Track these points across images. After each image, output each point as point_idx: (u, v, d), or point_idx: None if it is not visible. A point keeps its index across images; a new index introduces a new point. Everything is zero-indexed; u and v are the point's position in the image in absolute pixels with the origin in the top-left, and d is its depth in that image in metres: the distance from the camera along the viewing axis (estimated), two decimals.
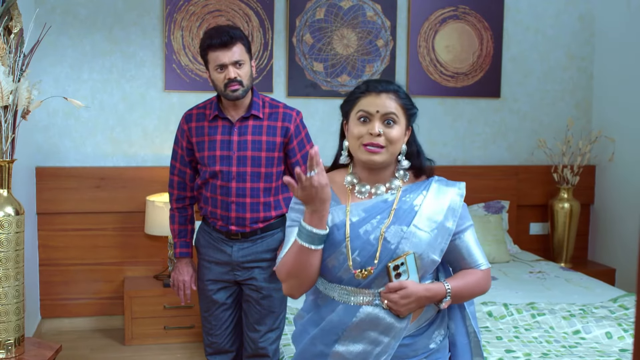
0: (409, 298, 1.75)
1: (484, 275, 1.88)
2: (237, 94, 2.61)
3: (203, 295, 2.81)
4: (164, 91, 4.27)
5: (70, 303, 4.20)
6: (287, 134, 2.70)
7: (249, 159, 2.67)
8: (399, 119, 1.81)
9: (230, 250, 2.72)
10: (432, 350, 1.86)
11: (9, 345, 2.43)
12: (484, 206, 4.54)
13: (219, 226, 2.73)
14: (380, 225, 1.79)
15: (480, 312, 3.24)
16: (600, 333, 3.03)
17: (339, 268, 1.80)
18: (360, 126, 1.80)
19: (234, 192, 2.68)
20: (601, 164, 4.79)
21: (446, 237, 1.83)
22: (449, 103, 4.67)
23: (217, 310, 2.78)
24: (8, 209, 2.42)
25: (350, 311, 1.80)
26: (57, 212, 4.12)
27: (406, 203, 1.83)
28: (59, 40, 4.10)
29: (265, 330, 2.74)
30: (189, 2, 4.24)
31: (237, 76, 2.59)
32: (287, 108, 2.75)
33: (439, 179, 1.91)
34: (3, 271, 2.40)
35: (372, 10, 4.48)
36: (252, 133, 2.68)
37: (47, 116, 4.12)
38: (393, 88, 1.83)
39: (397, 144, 1.81)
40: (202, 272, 2.81)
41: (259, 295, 2.73)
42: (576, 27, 4.80)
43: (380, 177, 1.86)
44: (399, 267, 1.75)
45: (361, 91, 1.84)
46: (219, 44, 2.57)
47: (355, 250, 1.78)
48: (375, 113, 1.79)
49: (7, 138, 2.43)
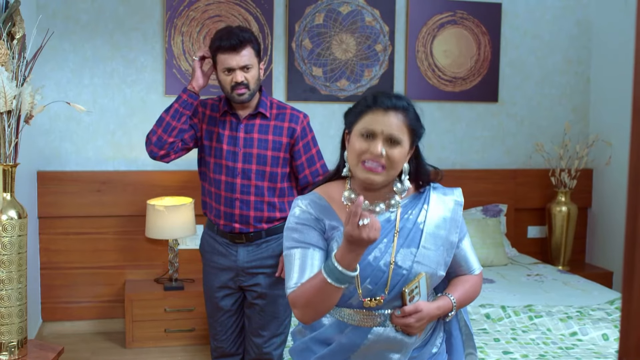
0: (424, 320, 1.74)
1: (479, 279, 1.91)
2: (243, 97, 2.61)
3: (209, 301, 2.81)
4: (164, 96, 4.30)
5: (72, 306, 4.23)
6: (294, 135, 2.70)
7: (255, 157, 2.66)
8: (403, 140, 1.70)
9: (235, 255, 2.72)
10: (434, 355, 1.87)
11: (12, 348, 2.45)
12: (482, 209, 4.56)
13: (222, 226, 2.72)
14: (388, 250, 1.73)
15: (478, 315, 3.26)
16: (597, 335, 3.06)
17: (349, 296, 1.74)
18: (362, 142, 1.69)
19: (239, 189, 2.67)
20: (598, 168, 4.82)
21: (451, 251, 1.81)
22: (447, 107, 4.70)
23: (223, 317, 2.79)
24: (11, 213, 2.45)
25: (360, 333, 1.76)
26: (58, 216, 4.15)
27: (409, 221, 1.78)
28: (60, 46, 4.13)
29: (269, 336, 2.73)
30: (189, 8, 4.27)
31: (244, 80, 2.59)
32: (294, 110, 2.75)
33: (435, 188, 1.84)
34: (6, 274, 2.42)
35: (371, 15, 4.52)
36: (259, 131, 2.68)
37: (48, 121, 4.15)
38: (402, 105, 1.71)
39: (398, 165, 1.71)
40: (208, 277, 2.81)
41: (263, 302, 2.71)
42: (573, 31, 4.84)
43: (379, 194, 1.78)
44: (413, 290, 1.73)
45: (368, 104, 1.72)
46: (228, 46, 2.56)
47: (367, 278, 1.72)
48: (379, 132, 1.68)
49: (11, 142, 2.45)
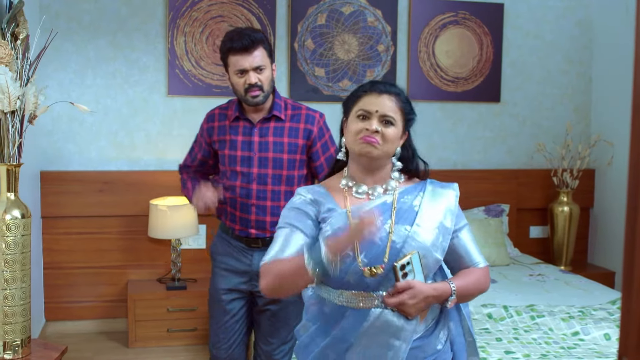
0: (417, 297, 1.75)
1: (483, 273, 1.91)
2: (257, 99, 2.55)
3: (216, 304, 2.73)
4: (167, 96, 4.31)
5: (74, 306, 4.24)
6: (310, 137, 2.64)
7: (270, 161, 2.60)
8: (397, 121, 1.84)
9: (250, 259, 2.66)
10: (439, 352, 1.87)
11: (16, 347, 2.46)
12: (484, 210, 4.57)
13: (238, 231, 2.67)
14: (383, 226, 1.80)
15: (480, 314, 3.27)
16: (598, 334, 3.06)
17: (346, 271, 1.78)
18: (359, 122, 1.83)
19: (255, 195, 2.61)
20: (600, 168, 4.82)
21: (447, 236, 1.86)
22: (449, 107, 4.71)
23: (229, 322, 2.71)
24: (15, 212, 2.46)
25: (360, 315, 1.79)
26: (61, 216, 4.16)
27: (405, 204, 1.86)
28: (63, 46, 4.14)
29: (278, 343, 2.68)
30: (192, 8, 4.28)
31: (258, 81, 2.53)
32: (309, 110, 2.69)
33: (432, 182, 1.94)
34: (10, 273, 2.43)
35: (373, 15, 4.53)
36: (274, 134, 2.62)
37: (51, 121, 4.16)
38: (395, 91, 1.86)
39: (392, 144, 1.84)
40: (216, 280, 2.74)
41: (275, 307, 2.66)
42: (575, 32, 4.84)
43: (377, 179, 1.89)
44: (405, 266, 1.75)
45: (364, 90, 1.87)
46: (240, 47, 2.50)
47: (362, 251, 1.78)
48: (374, 112, 1.82)
49: (15, 142, 2.46)
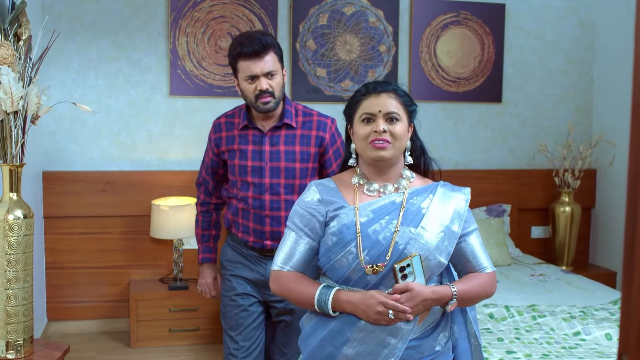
0: (415, 300, 1.75)
1: (490, 278, 1.90)
2: (268, 106, 2.44)
3: (231, 312, 2.62)
4: (169, 96, 4.32)
5: (76, 306, 4.25)
6: (323, 144, 2.55)
7: (283, 170, 2.51)
8: (401, 116, 1.87)
9: (264, 267, 2.58)
10: (437, 353, 1.86)
11: (19, 346, 2.46)
12: (486, 210, 4.57)
13: (252, 242, 2.58)
14: (388, 226, 1.81)
15: (481, 314, 3.27)
16: (600, 334, 3.06)
17: (348, 267, 1.80)
18: (365, 126, 1.86)
19: (268, 206, 2.52)
20: (602, 168, 4.82)
21: (452, 240, 1.85)
22: (450, 108, 4.71)
23: (250, 326, 2.59)
24: (18, 212, 2.46)
25: None
26: (63, 216, 4.17)
27: (414, 205, 1.86)
28: (65, 47, 4.15)
29: (292, 353, 2.61)
30: (194, 9, 4.29)
31: (269, 87, 2.42)
32: (321, 116, 2.59)
33: (444, 184, 1.94)
34: (13, 273, 2.44)
35: (375, 16, 4.53)
36: (285, 143, 2.52)
37: (53, 121, 4.17)
38: (391, 87, 1.90)
39: (401, 140, 1.86)
40: (227, 286, 2.64)
41: (289, 318, 2.59)
42: (576, 32, 4.85)
43: (388, 177, 1.91)
44: (405, 268, 1.75)
45: (362, 94, 1.90)
46: (250, 52, 2.39)
47: (365, 249, 1.79)
48: (377, 113, 1.85)
49: (17, 143, 2.47)
